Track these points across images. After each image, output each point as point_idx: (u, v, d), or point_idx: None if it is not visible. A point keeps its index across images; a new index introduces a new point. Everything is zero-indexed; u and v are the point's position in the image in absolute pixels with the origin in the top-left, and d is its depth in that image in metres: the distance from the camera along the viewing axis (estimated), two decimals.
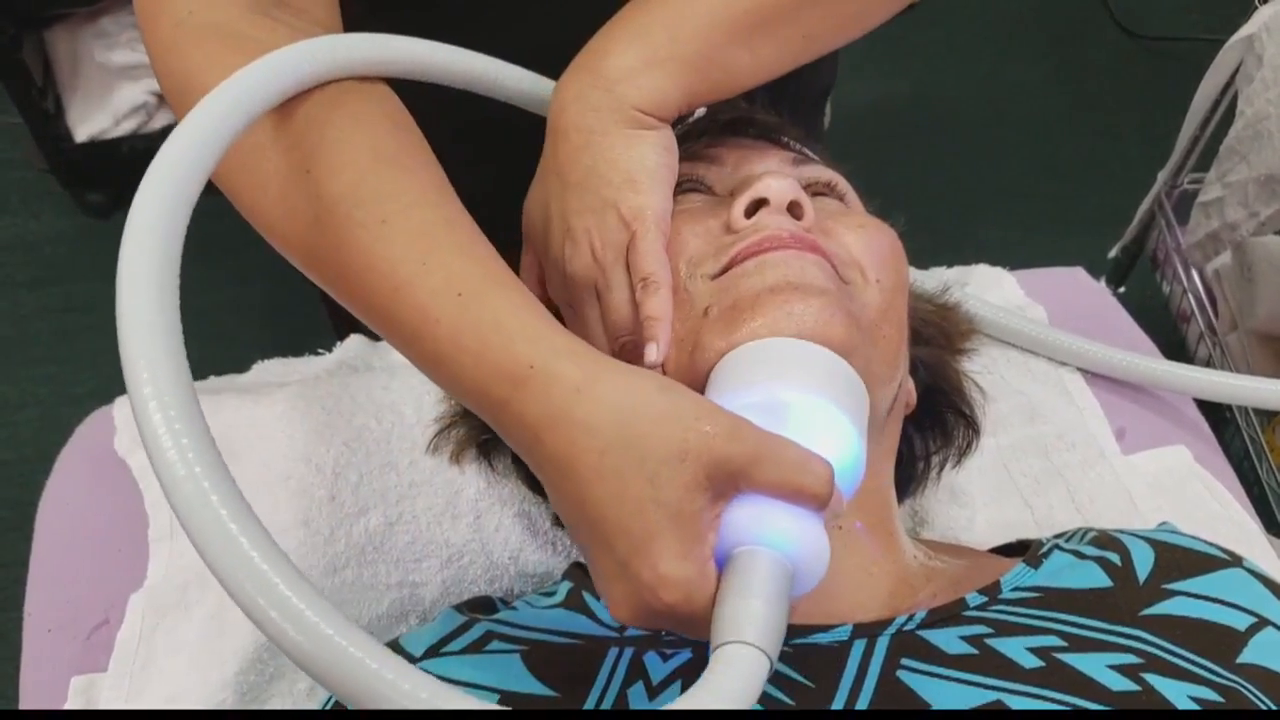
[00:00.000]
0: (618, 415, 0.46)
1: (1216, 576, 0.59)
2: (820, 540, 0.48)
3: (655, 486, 0.45)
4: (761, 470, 0.46)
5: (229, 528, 0.43)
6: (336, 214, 0.53)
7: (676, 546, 0.46)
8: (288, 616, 0.41)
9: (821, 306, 0.56)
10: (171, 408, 0.43)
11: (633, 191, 0.58)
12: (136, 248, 0.46)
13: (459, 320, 0.49)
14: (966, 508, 0.84)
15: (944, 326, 0.77)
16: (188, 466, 0.43)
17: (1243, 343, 1.62)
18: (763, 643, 0.44)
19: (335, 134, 0.55)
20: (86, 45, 2.03)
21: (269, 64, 0.53)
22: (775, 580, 0.46)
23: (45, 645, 0.79)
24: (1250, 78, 1.49)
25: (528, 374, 0.48)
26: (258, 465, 0.81)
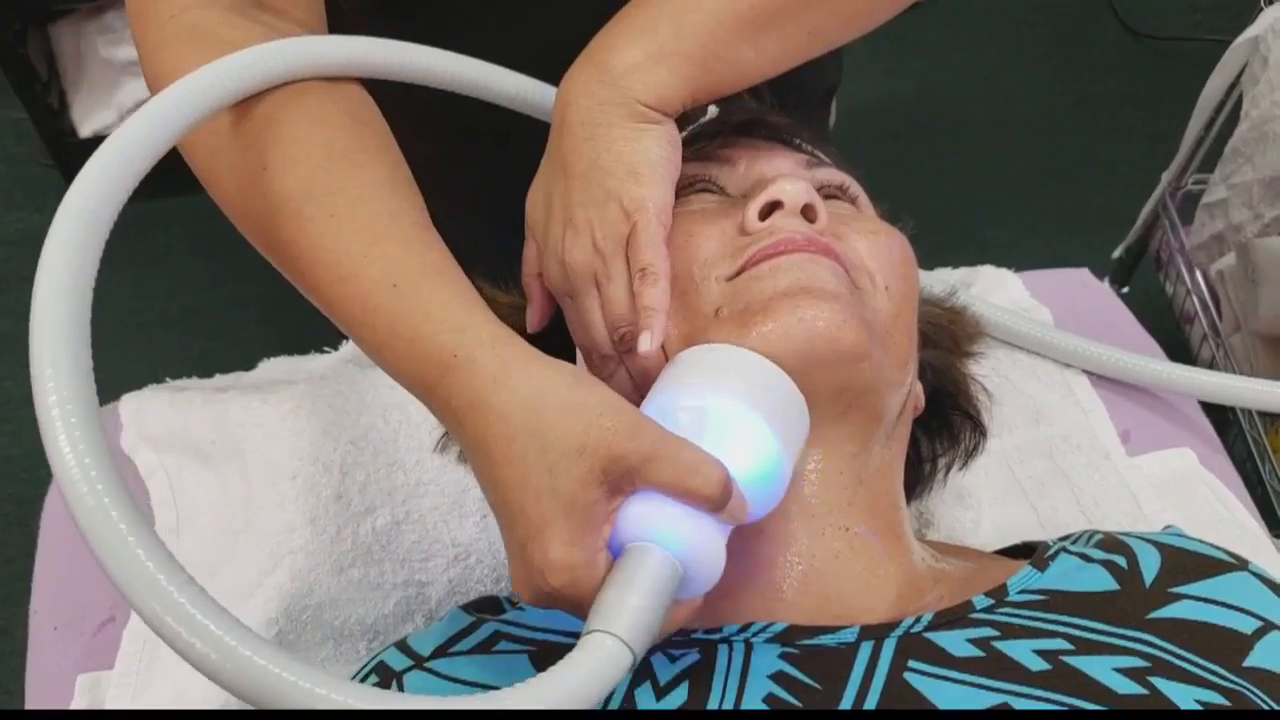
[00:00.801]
0: (528, 405, 0.49)
1: (1223, 580, 0.59)
2: (713, 544, 0.50)
3: (553, 476, 0.48)
4: (654, 469, 0.48)
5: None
6: (288, 209, 0.56)
7: (566, 534, 0.48)
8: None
9: (833, 310, 0.56)
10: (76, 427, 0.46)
11: (635, 183, 0.59)
12: (51, 266, 0.51)
13: (394, 309, 0.53)
14: (972, 509, 0.84)
15: (952, 330, 0.77)
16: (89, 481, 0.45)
17: (1246, 344, 1.62)
18: (628, 635, 0.46)
19: (289, 131, 0.58)
20: (91, 41, 2.03)
21: (211, 71, 0.56)
22: (657, 577, 0.48)
23: (50, 642, 0.79)
24: (1256, 79, 1.49)
25: (452, 362, 0.51)
26: (265, 464, 0.81)
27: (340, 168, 0.58)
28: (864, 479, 0.61)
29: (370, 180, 0.58)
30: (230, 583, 0.76)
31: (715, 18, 0.61)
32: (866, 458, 0.62)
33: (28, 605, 0.81)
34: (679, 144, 0.62)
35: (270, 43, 0.59)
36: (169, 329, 1.98)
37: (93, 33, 2.03)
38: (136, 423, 0.86)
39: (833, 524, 0.60)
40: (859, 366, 0.58)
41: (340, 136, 0.59)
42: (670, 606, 0.49)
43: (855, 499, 0.61)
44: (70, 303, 0.49)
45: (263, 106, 0.59)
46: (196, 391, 0.88)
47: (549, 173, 0.63)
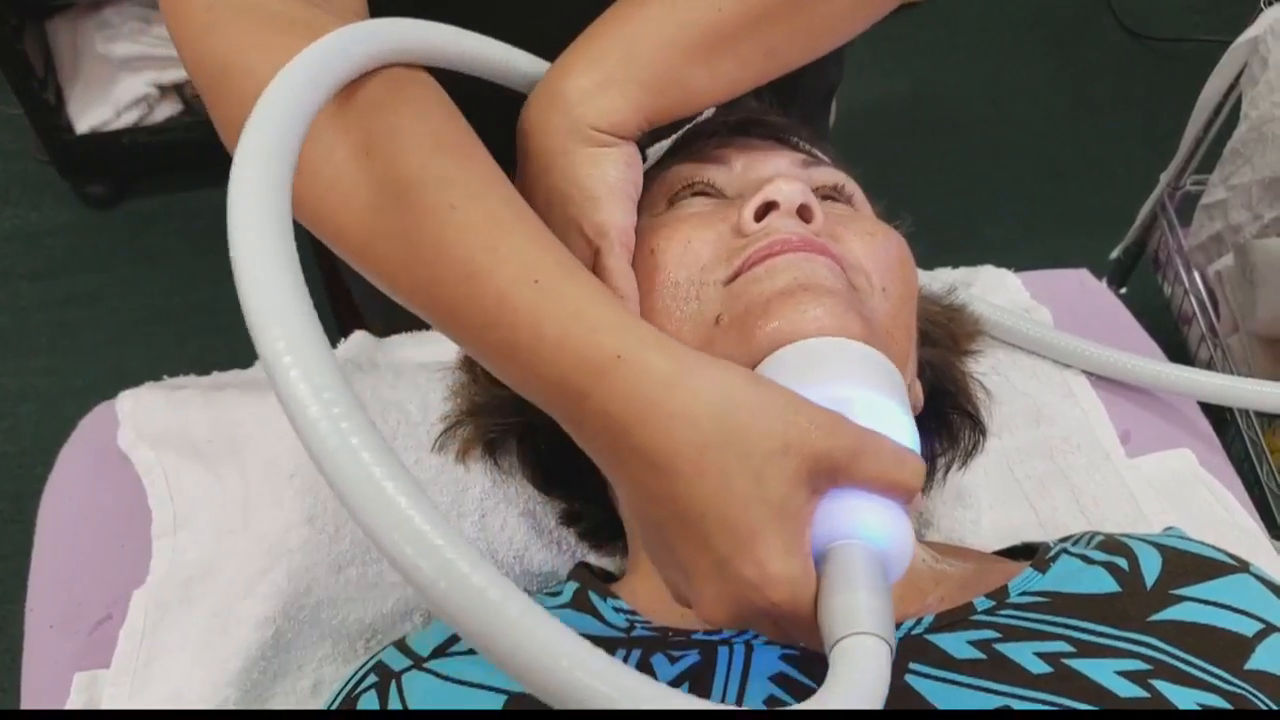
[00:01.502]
0: (715, 408, 0.45)
1: (1224, 582, 0.59)
2: (908, 531, 0.48)
3: (760, 483, 0.45)
4: (862, 464, 0.46)
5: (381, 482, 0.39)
6: (404, 198, 0.51)
7: (782, 544, 0.45)
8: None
9: (834, 304, 0.56)
10: (311, 365, 0.40)
11: (594, 209, 0.59)
12: (246, 210, 0.44)
13: (538, 308, 0.48)
14: (971, 509, 0.84)
15: (951, 328, 0.77)
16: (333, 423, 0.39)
17: (1244, 345, 1.62)
18: (881, 630, 0.44)
19: (395, 119, 0.54)
20: (88, 36, 2.03)
21: (329, 44, 0.51)
22: (876, 572, 0.46)
23: (47, 641, 0.79)
24: (1255, 80, 1.49)
25: (614, 364, 0.46)
26: (263, 461, 0.80)
27: (453, 159, 0.53)
28: None
29: (482, 173, 0.54)
30: (228, 581, 0.76)
31: (666, 43, 0.60)
32: None
33: (23, 603, 0.81)
34: (638, 164, 0.62)
35: (395, 20, 0.56)
36: (167, 326, 1.98)
37: (90, 28, 2.03)
38: (134, 420, 0.86)
39: None
40: None
41: (444, 127, 0.55)
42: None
43: None
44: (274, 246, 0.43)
45: (363, 91, 0.55)
46: (194, 389, 0.88)
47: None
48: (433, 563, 0.37)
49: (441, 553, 0.37)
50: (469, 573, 0.37)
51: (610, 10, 0.62)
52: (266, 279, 0.42)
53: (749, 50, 0.62)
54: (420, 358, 0.90)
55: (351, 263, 0.55)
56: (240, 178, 0.44)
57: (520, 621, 0.38)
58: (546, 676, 0.38)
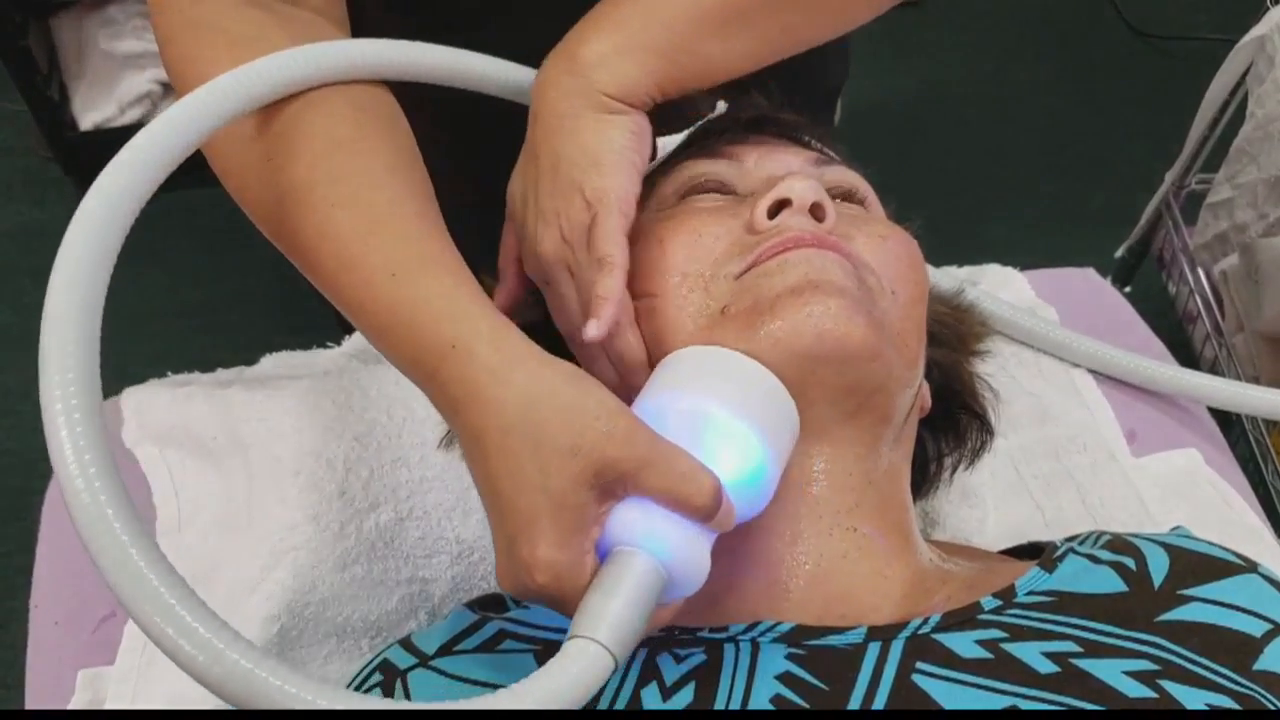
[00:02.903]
0: (524, 400, 0.49)
1: (1232, 582, 0.59)
2: (699, 551, 0.51)
3: (545, 474, 0.48)
4: (648, 476, 0.49)
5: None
6: (292, 199, 0.58)
7: (554, 534, 0.48)
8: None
9: (841, 307, 0.56)
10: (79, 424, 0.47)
11: (597, 174, 0.60)
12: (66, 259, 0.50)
13: (393, 297, 0.53)
14: (978, 509, 0.84)
15: (958, 329, 0.76)
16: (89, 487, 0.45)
17: (1249, 344, 1.62)
18: (611, 642, 0.47)
19: (294, 122, 0.59)
20: (92, 33, 2.03)
21: (216, 86, 0.57)
22: (642, 583, 0.48)
23: (51, 637, 0.79)
24: (1261, 79, 1.49)
25: (450, 352, 0.51)
26: (268, 459, 0.80)
27: (342, 156, 0.58)
28: (872, 479, 0.61)
29: (371, 167, 0.58)
30: (232, 579, 0.76)
31: (685, 12, 0.62)
32: (875, 458, 0.61)
33: (26, 600, 0.81)
34: (647, 134, 0.63)
35: (285, 52, 0.60)
36: (171, 323, 1.98)
37: (94, 25, 2.03)
38: (138, 417, 0.86)
39: (840, 524, 0.60)
40: (869, 366, 0.58)
41: (342, 126, 0.60)
42: (655, 609, 0.50)
43: (863, 500, 0.61)
44: (82, 298, 0.49)
45: (283, 103, 0.60)
46: (199, 386, 0.88)
47: (524, 163, 0.64)
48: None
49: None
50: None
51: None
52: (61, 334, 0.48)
53: (765, 25, 0.64)
54: None
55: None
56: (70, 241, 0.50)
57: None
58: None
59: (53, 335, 0.48)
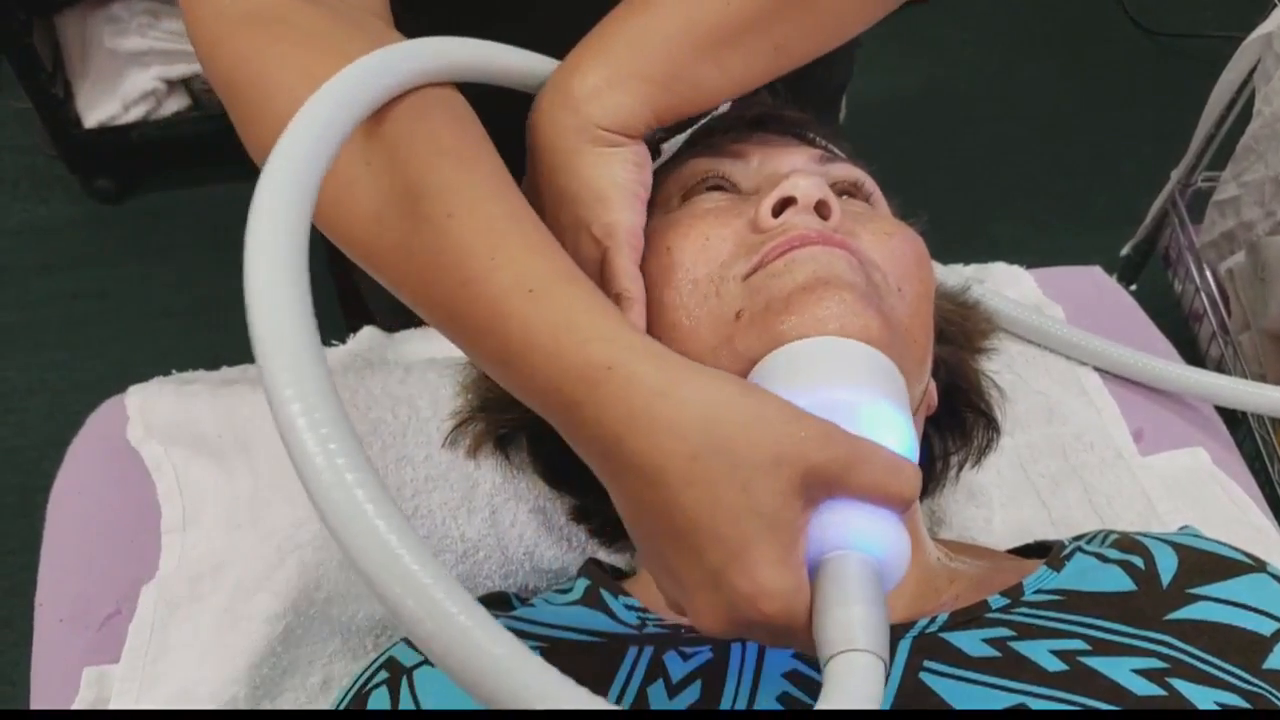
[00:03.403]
0: (705, 419, 0.45)
1: (1240, 581, 0.59)
2: (905, 540, 0.48)
3: (750, 494, 0.44)
4: (858, 474, 0.45)
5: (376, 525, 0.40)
6: (401, 207, 0.52)
7: (774, 555, 0.44)
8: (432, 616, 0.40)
9: (854, 300, 0.55)
10: (312, 397, 0.42)
11: (603, 209, 0.58)
12: (263, 229, 0.46)
13: (531, 317, 0.48)
14: (984, 508, 0.83)
15: (964, 326, 0.76)
16: (329, 458, 0.41)
17: (1255, 343, 1.62)
18: (875, 647, 0.44)
19: (393, 127, 0.54)
20: (97, 31, 2.03)
21: (356, 73, 0.52)
22: (872, 583, 0.45)
23: (57, 635, 0.78)
24: (1268, 76, 1.48)
25: (605, 375, 0.46)
26: (272, 457, 0.80)
27: (451, 165, 0.53)
28: None
29: (483, 178, 0.53)
30: (237, 577, 0.76)
31: (674, 39, 0.60)
32: None
33: (31, 597, 0.81)
34: (648, 163, 0.61)
35: (409, 43, 0.56)
36: (175, 321, 1.98)
37: (98, 23, 2.02)
38: (143, 416, 0.86)
39: None
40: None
41: (444, 132, 0.55)
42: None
43: None
44: (288, 271, 0.45)
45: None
46: (204, 385, 0.88)
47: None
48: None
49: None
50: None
51: (618, 8, 0.62)
52: (277, 318, 0.43)
53: (758, 46, 0.62)
54: (430, 353, 0.90)
55: (363, 268, 0.56)
56: (259, 214, 0.46)
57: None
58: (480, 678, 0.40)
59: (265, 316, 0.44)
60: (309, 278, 0.44)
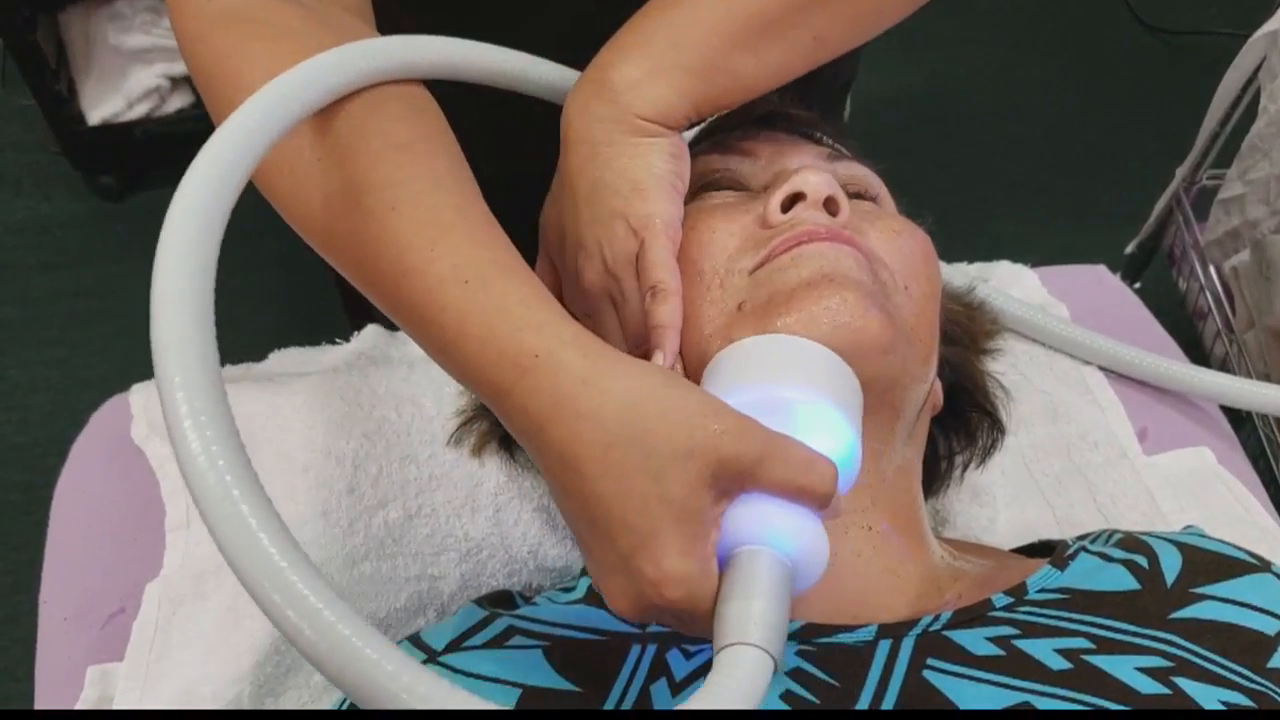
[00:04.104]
0: (624, 409, 0.46)
1: (1245, 581, 0.59)
2: (821, 539, 0.49)
3: (660, 483, 0.45)
4: (768, 470, 0.46)
5: (249, 523, 0.44)
6: (347, 200, 0.54)
7: (680, 543, 0.46)
8: (304, 615, 0.42)
9: (857, 299, 0.55)
10: (198, 399, 0.45)
11: (640, 200, 0.58)
12: (173, 240, 0.49)
13: (465, 307, 0.50)
14: (988, 507, 0.83)
15: (970, 326, 0.76)
16: (210, 460, 0.43)
17: (1260, 341, 1.61)
18: (766, 643, 0.44)
19: (346, 123, 0.56)
20: (100, 28, 2.03)
21: (303, 72, 0.53)
22: (777, 580, 0.46)
23: (61, 633, 0.79)
24: (1274, 74, 1.48)
25: (532, 363, 0.48)
26: (276, 456, 0.80)
27: (400, 158, 0.54)
28: (886, 477, 0.61)
29: (432, 171, 0.55)
30: None
31: (713, 29, 0.60)
32: (889, 455, 0.61)
33: (35, 594, 0.81)
34: (685, 156, 0.61)
35: (361, 43, 0.57)
36: None
37: (102, 20, 2.02)
38: (147, 414, 0.86)
39: (856, 523, 0.60)
40: (884, 359, 0.57)
41: (398, 126, 0.56)
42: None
43: (878, 497, 0.60)
44: (191, 281, 0.49)
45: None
46: None
47: (558, 193, 0.62)
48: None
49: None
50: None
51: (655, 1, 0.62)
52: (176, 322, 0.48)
53: (796, 36, 0.62)
54: None
55: (321, 255, 0.58)
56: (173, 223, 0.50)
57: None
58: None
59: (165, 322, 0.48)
60: (213, 286, 0.49)
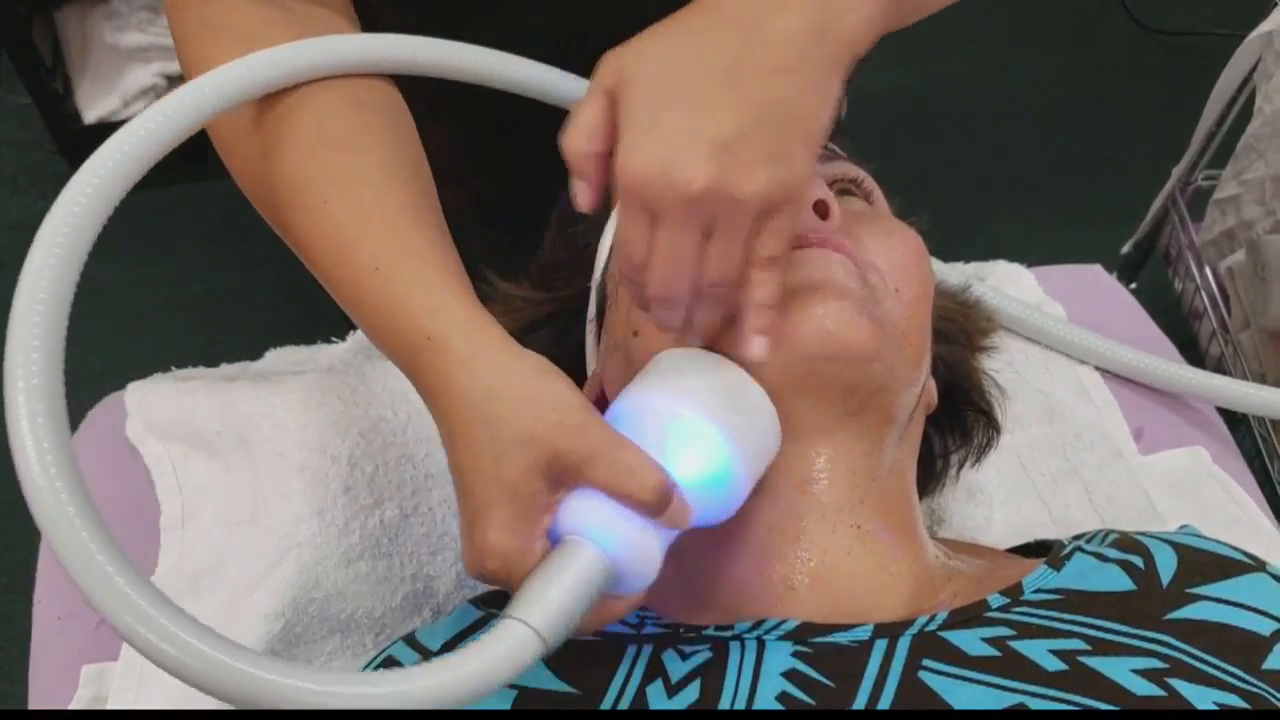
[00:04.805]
0: (487, 392, 0.51)
1: (1240, 581, 0.59)
2: (646, 545, 0.51)
3: (498, 463, 0.50)
4: (592, 468, 0.50)
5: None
6: (286, 196, 0.60)
7: (505, 520, 0.50)
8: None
9: (843, 309, 0.56)
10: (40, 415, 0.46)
11: (809, 156, 0.51)
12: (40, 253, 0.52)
13: (378, 292, 0.56)
14: (984, 506, 0.83)
15: (964, 324, 0.76)
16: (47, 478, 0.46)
17: (1255, 341, 1.61)
18: (542, 626, 0.47)
19: (289, 118, 0.61)
20: (97, 26, 2.02)
21: (196, 87, 0.58)
22: (584, 572, 0.49)
23: (55, 632, 0.79)
24: (1269, 74, 1.48)
25: (426, 344, 0.53)
26: (273, 455, 0.80)
27: (336, 154, 0.60)
28: (877, 478, 0.61)
29: (364, 164, 0.60)
30: (236, 575, 0.76)
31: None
32: (880, 456, 0.61)
33: (30, 593, 0.81)
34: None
35: (268, 51, 0.60)
36: (175, 317, 1.97)
37: (98, 18, 2.02)
38: (142, 412, 0.86)
39: (845, 521, 0.60)
40: (870, 366, 0.57)
41: (337, 123, 0.61)
42: (607, 601, 0.51)
43: (868, 497, 0.60)
44: (51, 301, 0.50)
45: (279, 99, 0.61)
46: (203, 381, 0.87)
47: (704, 61, 0.50)
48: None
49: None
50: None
51: None
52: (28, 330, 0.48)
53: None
54: None
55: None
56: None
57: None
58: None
59: (18, 337, 0.48)
60: (68, 309, 0.51)
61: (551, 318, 0.70)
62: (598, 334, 0.67)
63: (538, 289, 0.71)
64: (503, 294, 0.70)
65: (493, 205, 0.67)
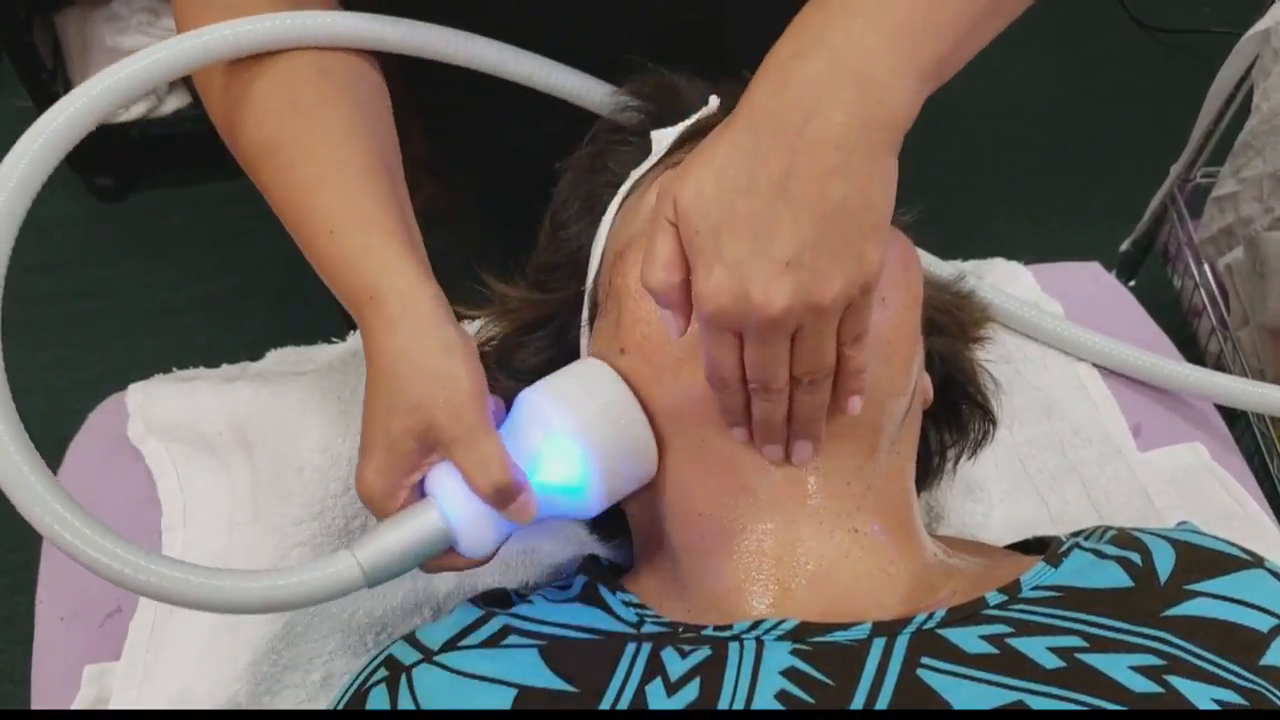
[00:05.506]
0: (399, 352, 0.58)
1: (1238, 577, 0.59)
2: (484, 526, 0.58)
3: (388, 416, 0.58)
4: (454, 449, 0.57)
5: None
6: (256, 163, 0.65)
7: (378, 464, 0.58)
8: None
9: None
10: None
11: (878, 243, 0.50)
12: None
13: (331, 253, 0.62)
14: (982, 503, 0.83)
15: (959, 316, 0.75)
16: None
17: (1254, 338, 1.61)
18: (366, 562, 0.57)
19: (259, 89, 0.66)
20: (97, 29, 2.03)
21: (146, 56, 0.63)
22: (422, 532, 0.58)
23: (57, 633, 0.79)
24: (1267, 72, 1.48)
25: (368, 302, 0.60)
26: (272, 455, 0.80)
27: (301, 122, 0.65)
28: (871, 484, 0.61)
29: (325, 130, 0.65)
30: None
31: (959, 12, 0.52)
32: (873, 464, 0.61)
33: (33, 594, 0.81)
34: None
35: (244, 20, 0.64)
36: (176, 318, 1.98)
37: (98, 21, 2.02)
38: (143, 413, 0.86)
39: (841, 526, 0.60)
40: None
41: (305, 91, 0.66)
42: (450, 554, 0.60)
43: (864, 503, 0.61)
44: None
45: (243, 67, 0.66)
46: (204, 381, 0.88)
47: (755, 181, 0.49)
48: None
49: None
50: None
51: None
52: None
53: (1002, 18, 0.59)
54: None
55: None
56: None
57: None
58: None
59: None
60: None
61: (550, 318, 0.70)
62: (591, 338, 0.68)
63: (534, 290, 0.71)
64: (500, 295, 0.70)
65: (486, 200, 0.68)
